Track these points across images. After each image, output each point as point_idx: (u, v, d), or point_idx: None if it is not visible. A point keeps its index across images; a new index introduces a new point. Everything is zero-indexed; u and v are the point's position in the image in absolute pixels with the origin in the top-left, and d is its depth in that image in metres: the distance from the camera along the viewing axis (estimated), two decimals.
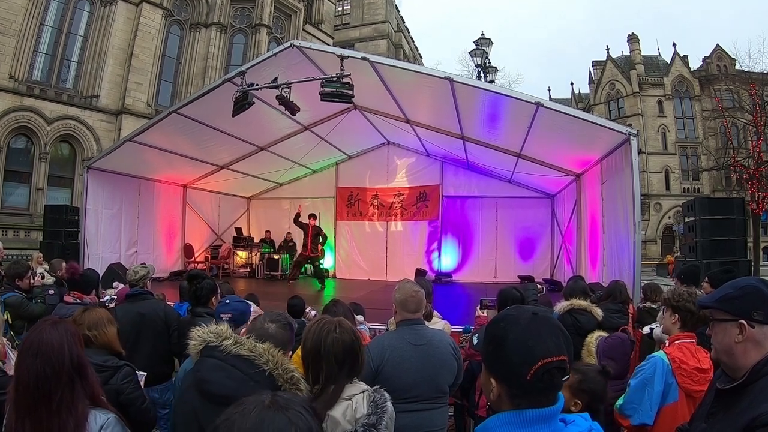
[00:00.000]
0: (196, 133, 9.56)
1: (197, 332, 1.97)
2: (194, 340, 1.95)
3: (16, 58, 16.37)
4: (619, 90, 37.62)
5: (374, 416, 1.85)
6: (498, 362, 1.24)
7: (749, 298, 1.51)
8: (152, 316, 3.85)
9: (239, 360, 1.81)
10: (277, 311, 2.26)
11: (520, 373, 1.18)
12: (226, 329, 1.94)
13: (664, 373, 2.37)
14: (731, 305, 1.54)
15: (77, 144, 18.10)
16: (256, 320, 2.11)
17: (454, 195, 13.18)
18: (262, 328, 2.01)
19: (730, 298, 1.55)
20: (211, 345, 1.89)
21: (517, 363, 1.18)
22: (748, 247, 17.84)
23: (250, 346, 1.85)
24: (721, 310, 1.57)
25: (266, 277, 13.07)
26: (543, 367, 1.16)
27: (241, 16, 22.47)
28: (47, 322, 1.84)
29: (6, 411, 1.67)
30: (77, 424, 1.69)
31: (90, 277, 4.75)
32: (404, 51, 34.99)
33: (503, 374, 1.23)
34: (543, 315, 1.26)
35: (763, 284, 1.55)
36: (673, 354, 2.41)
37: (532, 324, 1.21)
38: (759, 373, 1.45)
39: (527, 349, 1.18)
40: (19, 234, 16.62)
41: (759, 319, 1.49)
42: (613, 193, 7.16)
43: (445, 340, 2.81)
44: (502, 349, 1.22)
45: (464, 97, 7.88)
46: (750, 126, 26.15)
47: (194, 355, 1.98)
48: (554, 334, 1.22)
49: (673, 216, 33.78)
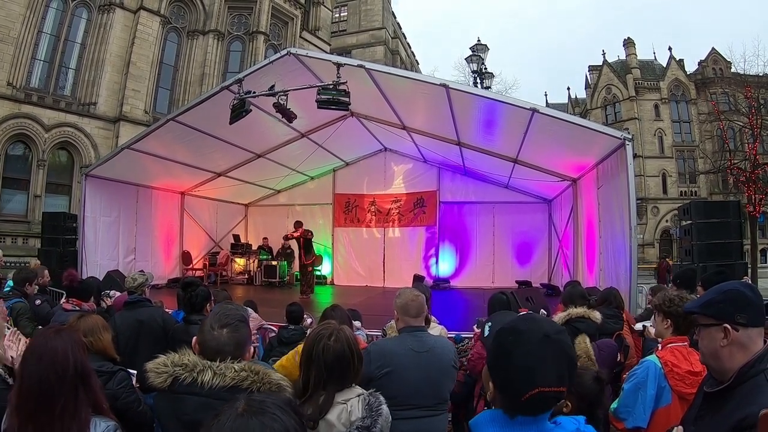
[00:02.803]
0: (194, 140, 9.59)
1: (159, 365, 1.81)
2: (158, 375, 1.79)
3: (14, 65, 16.42)
4: (616, 94, 37.72)
5: (369, 419, 1.85)
6: (498, 374, 1.26)
7: (732, 302, 1.53)
8: (150, 323, 3.85)
9: (225, 392, 1.68)
10: (224, 307, 2.03)
11: (516, 392, 1.19)
12: (195, 359, 1.80)
13: (657, 377, 2.38)
14: (715, 309, 1.56)
15: (75, 151, 18.12)
16: (204, 329, 1.89)
17: (451, 201, 13.21)
18: (213, 339, 1.83)
19: (713, 303, 1.57)
20: (184, 382, 1.76)
21: (515, 382, 1.20)
22: (746, 250, 17.94)
23: (231, 373, 1.74)
24: (705, 315, 1.59)
25: (264, 284, 13.03)
26: (540, 394, 1.17)
27: (238, 24, 22.56)
28: (51, 330, 1.85)
29: (7, 417, 1.67)
30: (80, 431, 1.70)
31: (89, 285, 4.77)
32: (401, 57, 35.10)
33: (501, 386, 1.25)
34: (555, 338, 1.23)
35: (746, 288, 1.57)
36: (665, 358, 2.43)
37: (540, 347, 1.20)
38: (745, 375, 1.47)
39: (528, 373, 1.18)
40: (17, 241, 16.60)
41: (742, 323, 1.50)
42: (609, 198, 7.20)
43: (448, 348, 2.80)
44: (504, 364, 1.23)
45: (460, 104, 7.93)
46: (746, 129, 26.23)
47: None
48: (560, 362, 1.20)
49: (670, 219, 33.79)
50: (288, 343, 4.05)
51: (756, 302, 1.54)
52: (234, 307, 2.11)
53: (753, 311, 1.52)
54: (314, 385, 1.93)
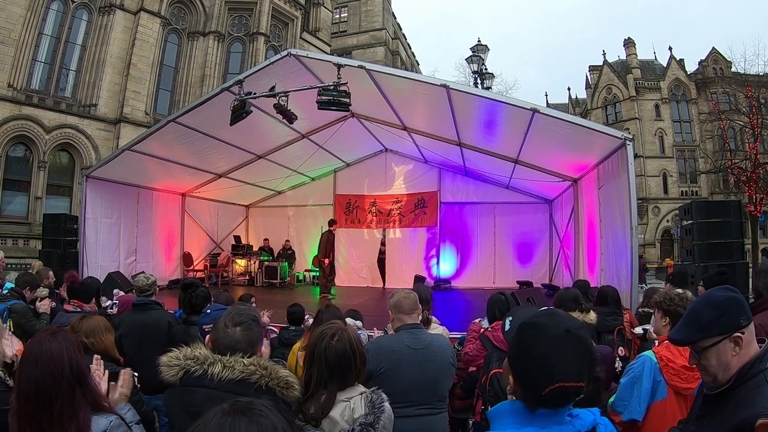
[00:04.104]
0: (195, 141, 9.60)
1: (171, 358, 1.82)
2: (170, 368, 1.80)
3: (14, 67, 16.41)
4: (616, 94, 37.70)
5: (371, 416, 1.87)
6: (519, 368, 1.27)
7: (731, 310, 1.51)
8: (157, 328, 3.84)
9: (234, 385, 1.72)
10: (238, 308, 2.08)
11: (537, 387, 1.20)
12: (206, 353, 1.82)
13: (652, 371, 2.43)
14: (720, 327, 1.51)
15: (76, 153, 18.12)
16: (218, 326, 1.93)
17: (452, 201, 13.21)
18: (227, 336, 1.86)
19: (714, 322, 1.52)
20: (194, 374, 1.78)
21: (535, 377, 1.21)
22: (747, 250, 17.93)
23: (240, 367, 1.76)
24: (710, 336, 1.52)
25: (265, 284, 13.06)
26: (559, 389, 1.18)
27: (238, 25, 22.56)
28: (47, 332, 1.86)
29: (9, 420, 1.68)
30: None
31: (90, 286, 4.75)
32: (401, 58, 35.12)
33: (521, 380, 1.26)
34: (575, 333, 1.24)
35: (731, 291, 1.55)
36: (661, 353, 2.47)
37: (561, 342, 1.21)
38: (745, 376, 1.47)
39: (549, 368, 1.19)
40: (18, 243, 16.60)
41: (746, 324, 1.50)
42: (610, 198, 7.20)
43: (445, 345, 2.82)
44: (526, 357, 1.24)
45: (461, 104, 7.93)
46: (747, 128, 26.26)
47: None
48: (580, 357, 1.21)
49: (671, 219, 33.75)
50: (289, 344, 4.05)
51: (743, 299, 1.54)
52: (247, 307, 2.17)
53: (746, 308, 1.53)
54: (316, 384, 1.95)
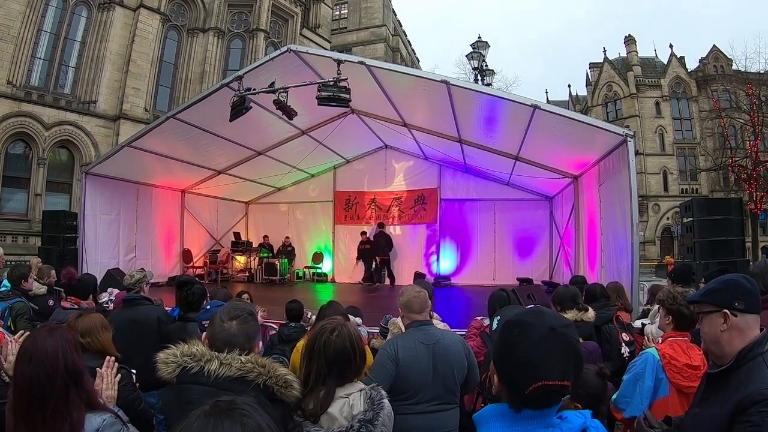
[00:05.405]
0: (194, 138, 9.56)
1: (168, 355, 1.79)
2: (167, 365, 1.77)
3: (14, 63, 16.41)
4: (617, 92, 37.66)
5: (370, 412, 1.87)
6: (503, 366, 1.26)
7: (731, 290, 1.66)
8: (145, 323, 3.82)
9: (230, 382, 1.69)
10: (234, 302, 2.04)
11: (521, 386, 1.18)
12: (203, 349, 1.79)
13: (655, 369, 2.46)
14: (715, 297, 1.69)
15: (75, 149, 18.12)
16: (214, 322, 1.89)
17: (452, 198, 13.19)
18: (223, 331, 1.82)
19: (713, 291, 1.71)
20: (191, 371, 1.75)
21: (519, 376, 1.19)
22: (747, 247, 17.92)
23: (237, 364, 1.73)
24: (706, 302, 1.72)
25: (265, 281, 13.07)
26: (543, 387, 1.16)
27: (238, 21, 22.53)
28: (44, 329, 1.85)
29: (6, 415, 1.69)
30: (72, 430, 1.69)
31: (86, 282, 4.73)
32: (401, 54, 35.05)
33: (505, 379, 1.25)
34: (560, 331, 1.21)
35: (743, 278, 1.70)
36: (663, 350, 2.49)
37: (545, 340, 1.19)
38: (744, 358, 1.59)
39: (532, 367, 1.17)
40: (18, 239, 16.62)
41: (741, 308, 1.63)
42: (611, 195, 7.17)
43: (455, 338, 2.85)
44: (509, 356, 1.23)
45: (461, 101, 7.89)
46: (747, 126, 26.26)
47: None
48: (565, 356, 1.19)
49: (671, 217, 33.75)
50: (288, 340, 4.04)
51: (752, 291, 1.66)
52: (243, 302, 2.18)
53: (750, 299, 1.64)
54: (315, 379, 1.94)
